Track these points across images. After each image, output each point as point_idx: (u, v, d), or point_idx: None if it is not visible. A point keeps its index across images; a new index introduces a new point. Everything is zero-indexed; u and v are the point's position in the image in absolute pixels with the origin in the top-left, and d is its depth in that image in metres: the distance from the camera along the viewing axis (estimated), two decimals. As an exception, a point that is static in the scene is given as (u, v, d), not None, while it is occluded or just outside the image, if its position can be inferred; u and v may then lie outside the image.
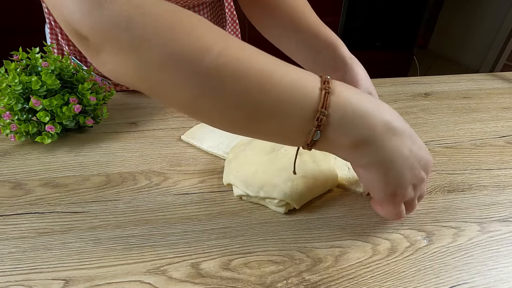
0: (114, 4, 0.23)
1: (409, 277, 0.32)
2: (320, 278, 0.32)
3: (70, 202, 0.40)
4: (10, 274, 0.32)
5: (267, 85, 0.25)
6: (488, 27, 2.16)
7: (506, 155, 0.49)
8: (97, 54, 0.25)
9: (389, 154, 0.28)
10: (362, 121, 0.26)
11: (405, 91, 0.66)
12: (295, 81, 0.25)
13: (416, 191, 0.32)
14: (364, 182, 0.32)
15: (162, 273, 0.32)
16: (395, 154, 0.28)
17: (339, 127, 0.26)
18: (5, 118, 0.45)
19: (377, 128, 0.27)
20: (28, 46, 0.49)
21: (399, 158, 0.28)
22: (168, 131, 0.53)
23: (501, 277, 0.32)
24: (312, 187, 0.38)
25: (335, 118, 0.26)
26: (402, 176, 0.29)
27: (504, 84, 0.69)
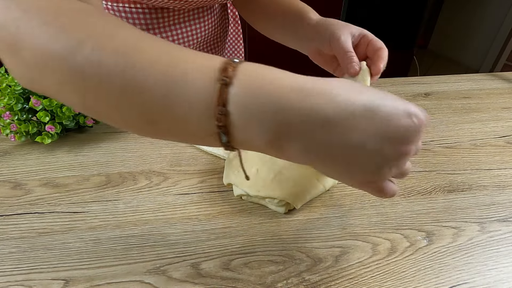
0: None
1: (409, 277, 0.32)
2: (320, 278, 0.32)
3: (70, 202, 0.40)
4: (10, 274, 0.32)
5: (150, 81, 0.20)
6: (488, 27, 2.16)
7: (506, 155, 0.49)
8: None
9: (329, 149, 0.21)
10: (277, 116, 0.20)
11: (405, 91, 0.66)
12: (186, 74, 0.21)
13: (400, 166, 0.24)
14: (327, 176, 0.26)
15: (162, 273, 0.32)
16: (339, 147, 0.21)
17: (246, 127, 0.21)
18: (5, 118, 0.45)
19: (302, 121, 0.20)
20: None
21: (349, 149, 0.21)
22: (168, 131, 0.53)
23: (501, 277, 0.32)
24: (312, 187, 0.38)
25: (239, 115, 0.20)
26: (365, 167, 0.22)
27: (504, 84, 0.69)
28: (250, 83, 0.20)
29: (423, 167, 0.46)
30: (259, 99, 0.20)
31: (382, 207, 0.39)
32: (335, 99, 0.21)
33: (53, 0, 0.22)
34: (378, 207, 0.39)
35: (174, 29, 0.54)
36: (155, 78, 0.20)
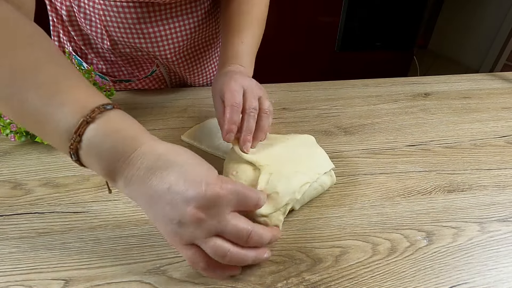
0: None
1: (409, 277, 0.32)
2: (320, 278, 0.32)
3: (70, 202, 0.40)
4: (10, 274, 0.32)
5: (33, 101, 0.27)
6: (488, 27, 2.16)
7: (506, 155, 0.49)
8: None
9: (139, 191, 0.27)
10: (110, 155, 0.26)
11: (405, 91, 0.66)
12: (63, 104, 0.27)
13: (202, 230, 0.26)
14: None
15: (162, 273, 0.32)
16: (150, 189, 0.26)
17: (89, 156, 0.27)
18: (5, 118, 0.45)
19: (115, 171, 0.27)
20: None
21: (152, 196, 0.26)
22: (168, 131, 0.53)
23: (501, 277, 0.32)
24: (310, 188, 0.38)
25: (86, 147, 0.26)
26: (160, 216, 0.26)
27: (504, 84, 0.69)
28: (104, 128, 0.27)
29: (423, 167, 0.46)
30: (103, 142, 0.26)
31: (382, 207, 0.39)
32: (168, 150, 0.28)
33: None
34: (378, 207, 0.39)
35: (162, 24, 0.54)
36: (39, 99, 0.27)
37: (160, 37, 0.55)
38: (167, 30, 0.55)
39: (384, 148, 0.50)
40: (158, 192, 0.26)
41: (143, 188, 0.26)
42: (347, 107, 0.61)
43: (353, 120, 0.56)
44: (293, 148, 0.41)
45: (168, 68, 0.64)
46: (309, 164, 0.39)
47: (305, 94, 0.65)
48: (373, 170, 0.45)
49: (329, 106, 0.61)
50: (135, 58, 0.61)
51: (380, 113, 0.58)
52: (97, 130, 0.26)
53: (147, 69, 0.63)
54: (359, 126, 0.55)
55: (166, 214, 0.26)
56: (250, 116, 0.39)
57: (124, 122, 0.28)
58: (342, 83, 0.69)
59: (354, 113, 0.59)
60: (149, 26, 0.53)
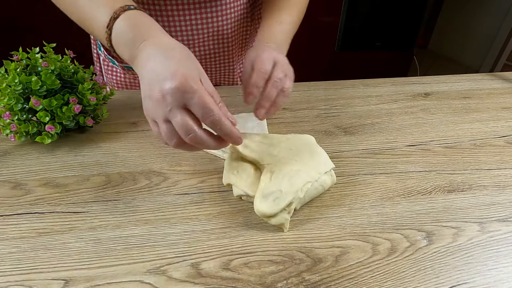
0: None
1: (409, 277, 0.32)
2: (320, 278, 0.32)
3: (70, 202, 0.40)
4: (10, 274, 0.32)
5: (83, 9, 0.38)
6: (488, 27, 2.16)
7: (506, 155, 0.49)
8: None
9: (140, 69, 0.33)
10: (130, 43, 0.34)
11: (405, 91, 0.66)
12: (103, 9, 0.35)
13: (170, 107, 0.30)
14: None
15: (162, 273, 0.32)
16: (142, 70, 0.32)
17: (117, 43, 0.35)
18: (5, 118, 0.45)
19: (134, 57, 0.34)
20: (28, 46, 0.49)
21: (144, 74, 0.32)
22: (168, 131, 0.53)
23: (501, 277, 0.32)
24: (312, 187, 0.38)
25: (114, 37, 0.35)
26: (143, 90, 0.33)
27: (504, 84, 0.69)
28: (127, 22, 0.35)
29: (423, 167, 0.46)
30: (124, 33, 0.35)
31: (382, 207, 0.39)
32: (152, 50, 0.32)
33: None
34: (378, 207, 0.39)
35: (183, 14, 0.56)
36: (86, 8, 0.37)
37: (191, 26, 0.58)
38: (199, 20, 0.57)
39: (384, 148, 0.50)
40: (146, 73, 0.32)
41: (142, 69, 0.33)
42: (347, 107, 0.61)
43: (353, 120, 0.56)
44: (293, 147, 0.41)
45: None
46: (310, 164, 0.39)
47: (305, 94, 0.65)
48: (373, 170, 0.45)
49: (329, 106, 0.61)
50: None
51: (380, 113, 0.58)
52: (120, 25, 0.34)
53: None
54: (359, 126, 0.55)
55: (143, 90, 0.32)
56: (273, 85, 0.41)
57: (141, 19, 0.35)
58: (342, 83, 0.69)
59: (354, 113, 0.59)
60: (181, 14, 0.56)
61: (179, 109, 0.30)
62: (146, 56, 0.32)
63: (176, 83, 0.29)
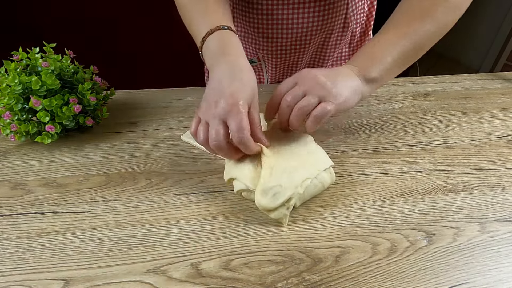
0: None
1: (409, 277, 0.32)
2: (320, 278, 0.32)
3: (70, 202, 0.40)
4: (10, 274, 0.32)
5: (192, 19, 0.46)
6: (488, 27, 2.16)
7: (506, 155, 0.49)
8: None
9: (212, 76, 0.40)
10: (213, 55, 0.41)
11: (405, 91, 0.66)
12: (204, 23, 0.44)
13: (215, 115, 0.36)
14: None
15: (162, 273, 0.32)
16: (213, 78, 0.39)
17: (205, 53, 0.43)
18: (5, 118, 0.45)
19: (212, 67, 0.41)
20: (28, 46, 0.49)
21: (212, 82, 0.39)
22: (168, 131, 0.53)
23: (501, 277, 0.32)
24: (311, 184, 0.38)
25: (205, 47, 0.43)
26: (206, 92, 0.39)
27: (504, 84, 0.69)
28: (215, 39, 0.42)
29: (423, 167, 0.46)
30: (212, 47, 0.42)
31: (382, 207, 0.39)
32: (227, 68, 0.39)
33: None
34: (378, 207, 0.39)
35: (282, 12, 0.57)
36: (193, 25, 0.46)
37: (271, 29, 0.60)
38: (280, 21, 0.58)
39: (384, 148, 0.50)
40: (214, 82, 0.39)
41: (212, 78, 0.39)
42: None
43: (353, 120, 0.56)
44: (292, 144, 0.42)
45: (269, 64, 0.67)
46: (309, 161, 0.40)
47: (305, 94, 0.64)
48: (373, 170, 0.45)
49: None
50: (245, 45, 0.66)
51: (380, 113, 0.58)
52: (212, 39, 0.42)
53: (249, 56, 0.68)
54: (359, 126, 0.55)
55: (207, 92, 0.39)
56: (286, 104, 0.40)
57: (228, 39, 0.42)
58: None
59: (354, 113, 0.58)
60: (265, 18, 0.58)
61: (219, 120, 0.36)
62: (220, 70, 0.39)
63: (229, 102, 0.36)
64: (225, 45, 0.42)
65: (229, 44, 0.42)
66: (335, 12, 0.59)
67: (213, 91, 0.38)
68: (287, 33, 0.60)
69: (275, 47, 0.63)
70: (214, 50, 0.42)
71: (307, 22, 0.59)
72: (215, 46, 0.42)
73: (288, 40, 0.61)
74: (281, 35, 0.61)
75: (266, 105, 0.43)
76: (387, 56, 0.42)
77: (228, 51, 0.41)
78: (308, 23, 0.59)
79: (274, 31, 0.60)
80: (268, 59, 0.66)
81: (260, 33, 0.61)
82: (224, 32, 0.42)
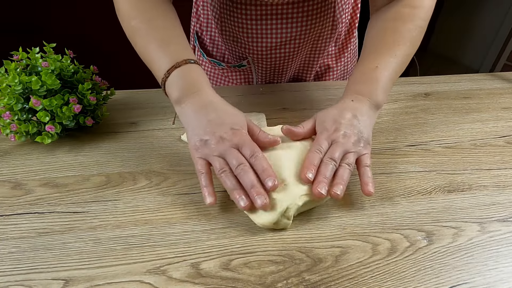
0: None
1: (409, 277, 0.32)
2: (320, 278, 0.32)
3: (70, 202, 0.40)
4: (10, 274, 0.32)
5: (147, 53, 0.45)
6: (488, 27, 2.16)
7: (506, 155, 0.49)
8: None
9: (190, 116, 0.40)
10: (182, 90, 0.41)
11: (405, 91, 0.66)
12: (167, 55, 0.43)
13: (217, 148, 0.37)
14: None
15: (162, 273, 0.32)
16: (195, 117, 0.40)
17: (170, 85, 0.42)
18: (5, 118, 0.45)
19: (181, 100, 0.41)
20: (28, 46, 0.49)
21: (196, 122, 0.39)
22: (168, 131, 0.53)
23: (501, 277, 0.32)
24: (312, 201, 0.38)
25: (169, 81, 0.42)
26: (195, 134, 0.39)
27: (504, 84, 0.69)
28: (183, 73, 0.42)
29: (423, 167, 0.46)
30: (180, 80, 0.42)
31: (382, 207, 0.39)
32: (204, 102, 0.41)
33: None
34: (378, 207, 0.39)
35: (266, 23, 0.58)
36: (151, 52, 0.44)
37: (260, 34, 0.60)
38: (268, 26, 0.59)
39: (384, 148, 0.50)
40: (201, 120, 0.39)
41: (193, 115, 0.40)
42: (347, 107, 0.60)
43: (353, 120, 0.56)
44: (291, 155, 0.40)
45: (258, 67, 0.67)
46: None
47: (305, 94, 0.65)
48: (373, 170, 0.45)
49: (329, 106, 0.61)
50: (233, 48, 0.66)
51: (380, 113, 0.58)
52: (179, 73, 0.42)
53: (239, 60, 0.68)
54: (359, 126, 0.55)
55: (200, 134, 0.38)
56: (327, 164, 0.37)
57: (196, 73, 0.42)
58: (342, 83, 0.69)
59: (354, 113, 0.58)
60: (254, 23, 0.58)
61: (234, 149, 0.37)
62: (198, 105, 0.40)
63: (236, 133, 0.38)
64: (196, 79, 0.42)
65: (201, 78, 0.43)
66: (323, 15, 0.60)
67: (208, 125, 0.38)
68: (276, 37, 0.60)
69: (264, 50, 0.63)
70: (183, 84, 0.41)
71: (296, 26, 0.59)
72: (185, 79, 0.42)
73: (278, 43, 0.61)
74: (270, 39, 0.60)
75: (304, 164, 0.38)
76: (384, 78, 0.43)
77: (202, 86, 0.42)
78: (297, 27, 0.59)
79: (264, 35, 0.60)
80: (257, 62, 0.66)
81: (249, 37, 0.61)
82: (193, 66, 0.42)
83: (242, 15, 0.58)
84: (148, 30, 0.45)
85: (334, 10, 0.60)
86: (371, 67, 0.44)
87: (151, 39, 0.44)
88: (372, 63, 0.44)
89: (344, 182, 0.37)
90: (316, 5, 0.57)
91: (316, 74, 0.75)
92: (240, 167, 0.36)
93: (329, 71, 0.74)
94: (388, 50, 0.45)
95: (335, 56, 0.72)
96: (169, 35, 0.45)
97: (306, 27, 0.60)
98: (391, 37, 0.46)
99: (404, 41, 0.45)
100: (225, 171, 0.37)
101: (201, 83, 0.42)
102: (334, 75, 0.75)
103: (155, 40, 0.44)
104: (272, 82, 0.72)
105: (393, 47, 0.45)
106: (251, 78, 0.72)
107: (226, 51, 0.69)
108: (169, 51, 0.43)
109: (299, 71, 0.73)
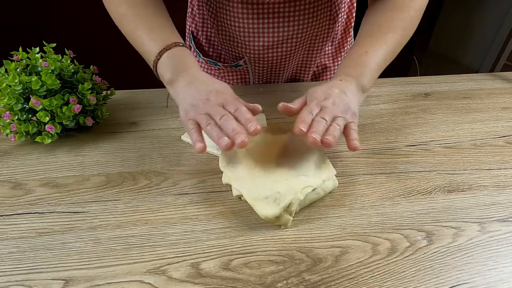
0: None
1: (409, 277, 0.32)
2: (320, 278, 0.32)
3: (70, 202, 0.40)
4: (10, 274, 0.32)
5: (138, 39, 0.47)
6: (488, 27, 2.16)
7: (506, 155, 0.49)
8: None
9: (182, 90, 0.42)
10: (172, 70, 0.44)
11: (405, 91, 0.66)
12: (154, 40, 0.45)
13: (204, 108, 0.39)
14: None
15: (162, 273, 0.32)
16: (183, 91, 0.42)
17: (161, 69, 0.44)
18: (5, 118, 0.45)
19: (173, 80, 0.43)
20: (28, 46, 0.49)
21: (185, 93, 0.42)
22: (168, 131, 0.53)
23: (501, 277, 0.32)
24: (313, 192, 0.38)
25: (160, 63, 0.44)
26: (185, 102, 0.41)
27: (504, 84, 0.69)
28: (173, 55, 0.44)
29: (423, 167, 0.46)
30: (170, 62, 0.44)
31: (382, 207, 0.39)
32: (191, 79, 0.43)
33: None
34: (378, 207, 0.39)
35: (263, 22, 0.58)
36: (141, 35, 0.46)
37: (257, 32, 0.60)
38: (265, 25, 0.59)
39: (384, 148, 0.50)
40: (190, 91, 0.41)
41: (183, 89, 0.42)
42: (347, 107, 0.60)
43: (353, 120, 0.56)
44: (292, 150, 0.41)
45: (255, 67, 0.67)
46: (313, 170, 0.39)
47: (305, 94, 0.64)
48: (373, 170, 0.45)
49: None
50: (230, 48, 0.65)
51: (380, 113, 0.58)
52: (169, 55, 0.44)
53: (236, 60, 0.68)
54: (359, 126, 0.55)
55: (189, 102, 0.40)
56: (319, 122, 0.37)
57: (184, 54, 0.45)
58: (342, 83, 0.69)
59: (354, 113, 0.58)
60: (250, 22, 0.58)
61: (218, 106, 0.39)
62: (188, 80, 0.42)
63: (220, 95, 0.40)
64: (185, 60, 0.45)
65: (188, 59, 0.45)
66: (320, 14, 0.60)
67: (196, 93, 0.40)
68: (272, 36, 0.60)
69: (261, 49, 0.63)
70: (174, 65, 0.44)
71: (293, 25, 0.59)
72: (175, 61, 0.44)
73: (275, 42, 0.61)
74: (267, 38, 0.60)
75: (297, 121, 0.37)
76: (372, 64, 0.44)
77: (190, 66, 0.44)
78: (294, 25, 0.59)
79: (260, 34, 0.60)
80: (254, 62, 0.66)
81: (246, 36, 0.61)
82: (180, 48, 0.45)
83: (238, 14, 0.58)
84: (137, 15, 0.47)
85: (330, 9, 0.60)
86: (361, 52, 0.45)
87: (140, 23, 0.46)
88: (362, 49, 0.45)
89: (335, 135, 0.36)
90: (313, 3, 0.57)
91: (313, 74, 0.75)
92: (223, 117, 0.37)
93: (326, 71, 0.74)
94: (379, 37, 0.46)
95: (332, 55, 0.72)
96: (157, 20, 0.47)
97: (302, 26, 0.59)
98: (384, 25, 0.47)
99: (397, 30, 0.46)
100: (210, 123, 0.38)
101: (191, 62, 0.45)
102: (331, 75, 0.75)
103: (144, 24, 0.46)
104: (269, 82, 0.72)
105: (385, 35, 0.46)
106: (247, 78, 0.72)
107: (222, 51, 0.69)
108: (159, 34, 0.46)
109: (296, 71, 0.73)
